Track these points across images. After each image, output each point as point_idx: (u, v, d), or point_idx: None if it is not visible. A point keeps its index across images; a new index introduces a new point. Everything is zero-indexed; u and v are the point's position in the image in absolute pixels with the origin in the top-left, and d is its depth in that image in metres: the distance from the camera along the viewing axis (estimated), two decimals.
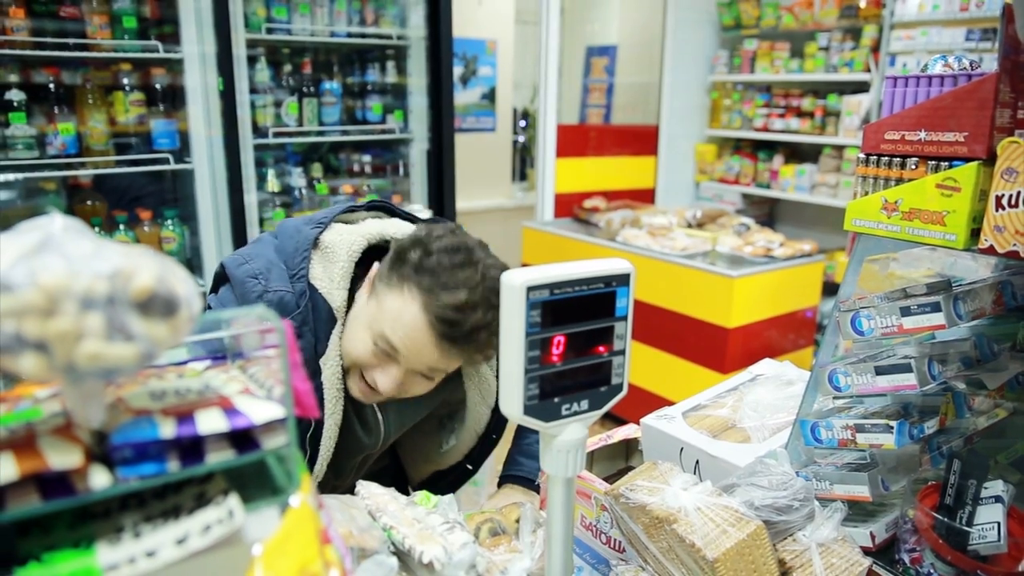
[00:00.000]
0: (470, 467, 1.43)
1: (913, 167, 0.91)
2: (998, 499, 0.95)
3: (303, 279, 1.15)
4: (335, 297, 1.17)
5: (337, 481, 1.32)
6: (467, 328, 1.07)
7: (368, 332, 1.13)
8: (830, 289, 4.07)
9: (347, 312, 1.19)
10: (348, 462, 1.31)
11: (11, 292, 0.41)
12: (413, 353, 1.10)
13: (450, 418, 1.41)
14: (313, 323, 1.15)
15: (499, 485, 1.44)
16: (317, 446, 1.19)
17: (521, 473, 1.41)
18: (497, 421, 1.36)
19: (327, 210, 1.26)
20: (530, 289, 0.63)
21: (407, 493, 1.61)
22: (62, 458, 0.45)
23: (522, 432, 1.48)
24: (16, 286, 0.41)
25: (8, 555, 0.46)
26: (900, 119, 0.92)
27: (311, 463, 1.20)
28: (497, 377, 1.43)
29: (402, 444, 1.44)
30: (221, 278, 1.22)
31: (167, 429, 0.49)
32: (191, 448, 0.50)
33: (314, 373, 1.16)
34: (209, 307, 1.21)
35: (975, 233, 0.86)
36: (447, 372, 1.17)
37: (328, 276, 1.17)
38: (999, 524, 0.93)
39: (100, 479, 0.47)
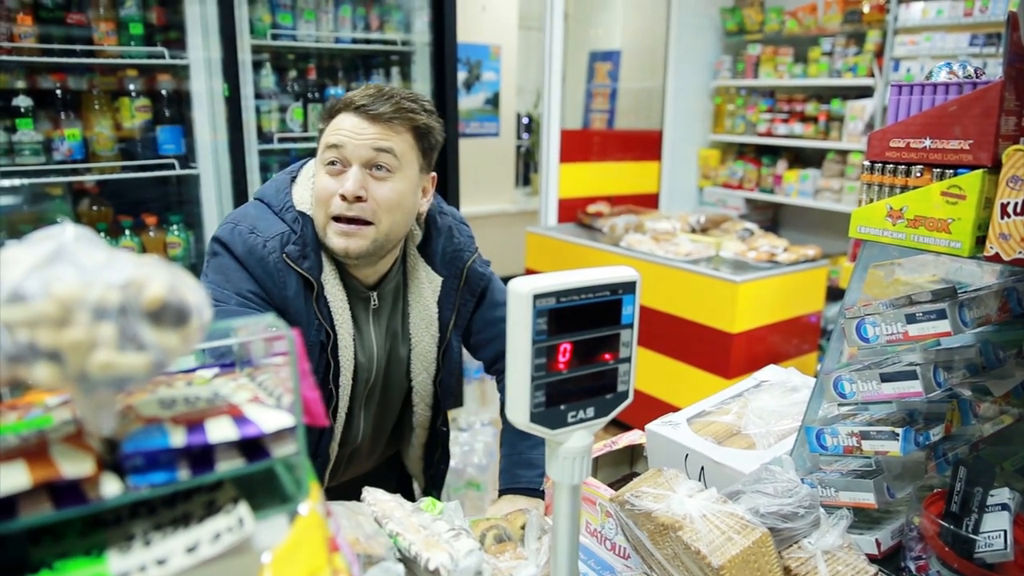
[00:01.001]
0: (444, 428, 1.57)
1: (918, 175, 0.92)
2: (1004, 507, 0.95)
3: (291, 208, 1.29)
4: (316, 217, 1.28)
5: (349, 428, 1.42)
6: (385, 93, 1.25)
7: (320, 167, 1.26)
8: (834, 294, 4.07)
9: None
10: (359, 394, 1.40)
11: (25, 303, 0.41)
12: (350, 134, 1.23)
13: (408, 358, 1.48)
14: (311, 243, 1.27)
15: (499, 495, 1.45)
16: (338, 358, 1.32)
17: (521, 485, 1.43)
18: (445, 360, 1.48)
19: (302, 160, 1.41)
20: (536, 297, 0.64)
21: (410, 493, 1.64)
22: (74, 466, 0.46)
23: (511, 441, 1.49)
24: (30, 297, 0.41)
25: (21, 563, 0.47)
26: (905, 127, 0.92)
27: (335, 378, 1.32)
28: (500, 380, 1.51)
29: (384, 394, 1.49)
30: (214, 253, 1.28)
31: (177, 437, 0.49)
32: (201, 456, 0.50)
33: (321, 289, 1.28)
34: (216, 302, 1.24)
35: (980, 241, 0.86)
36: (390, 149, 1.25)
37: (306, 197, 1.30)
38: (1006, 532, 0.93)
39: (111, 487, 0.47)
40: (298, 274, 1.25)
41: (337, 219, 1.25)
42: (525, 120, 6.50)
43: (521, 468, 1.45)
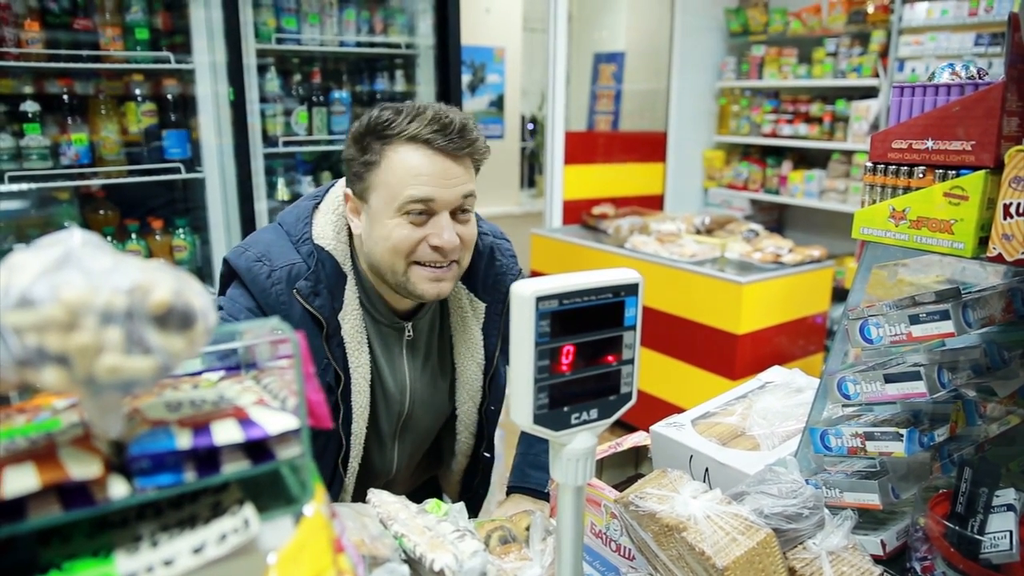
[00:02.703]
0: (487, 455, 1.49)
1: (920, 176, 0.92)
2: (1010, 507, 0.95)
3: (308, 241, 1.22)
4: (339, 251, 1.23)
5: (382, 462, 1.38)
6: (456, 124, 1.15)
7: (393, 213, 1.16)
8: (840, 295, 4.06)
9: (353, 265, 1.25)
10: (387, 426, 1.35)
11: (34, 307, 0.42)
12: (439, 182, 1.14)
13: (451, 387, 1.44)
14: (326, 280, 1.21)
15: (507, 495, 1.45)
16: (350, 402, 1.25)
17: (529, 485, 1.42)
18: (492, 388, 1.42)
19: (326, 184, 1.35)
20: (539, 299, 0.64)
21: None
22: (82, 469, 0.46)
23: (529, 441, 1.48)
24: (39, 301, 0.42)
25: (30, 564, 0.47)
26: (907, 128, 0.92)
27: (347, 424, 1.25)
28: (488, 374, 1.46)
29: (420, 424, 1.44)
30: (228, 275, 1.26)
31: (184, 440, 0.49)
32: (207, 458, 0.51)
33: (334, 330, 1.22)
34: (221, 308, 1.22)
35: (983, 241, 0.86)
36: (473, 191, 1.20)
37: (328, 231, 1.24)
38: (1011, 533, 0.93)
39: (119, 489, 0.48)
40: (305, 310, 1.19)
41: (420, 263, 1.18)
42: (530, 126, 6.51)
43: (532, 469, 1.44)
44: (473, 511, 1.58)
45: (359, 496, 1.35)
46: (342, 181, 1.29)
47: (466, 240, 1.20)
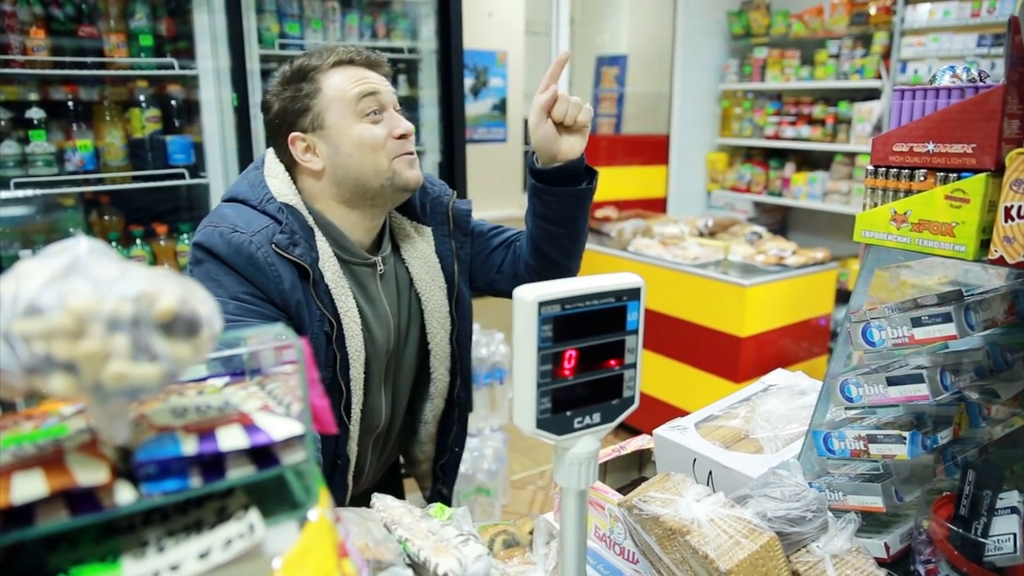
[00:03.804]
0: (463, 395, 1.55)
1: (922, 179, 0.92)
2: (1014, 510, 0.95)
3: (271, 200, 1.27)
4: (300, 206, 1.29)
5: (376, 409, 1.41)
6: (363, 48, 1.31)
7: (353, 118, 1.27)
8: (843, 297, 4.05)
9: (313, 218, 1.30)
10: (376, 367, 1.37)
11: (41, 315, 0.42)
12: (380, 84, 1.30)
13: (421, 320, 1.47)
14: (300, 231, 1.25)
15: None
16: (345, 348, 1.28)
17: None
18: (459, 312, 1.47)
19: (259, 157, 1.41)
20: (542, 304, 0.64)
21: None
22: (89, 475, 0.47)
23: None
24: (46, 309, 0.42)
25: (38, 569, 0.48)
26: (908, 131, 0.93)
27: (345, 371, 1.29)
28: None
29: (404, 364, 1.47)
30: (198, 262, 1.23)
31: (189, 446, 0.50)
32: (212, 464, 0.51)
33: (319, 277, 1.26)
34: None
35: (985, 244, 0.87)
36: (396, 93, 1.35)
37: (284, 188, 1.29)
38: (1015, 535, 0.93)
39: (125, 495, 0.48)
40: (291, 264, 1.22)
41: (396, 155, 1.29)
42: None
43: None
44: (452, 473, 1.62)
45: (362, 448, 1.40)
46: (271, 150, 1.36)
47: (411, 131, 1.32)
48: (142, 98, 2.60)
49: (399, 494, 1.69)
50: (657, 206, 4.99)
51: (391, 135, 1.28)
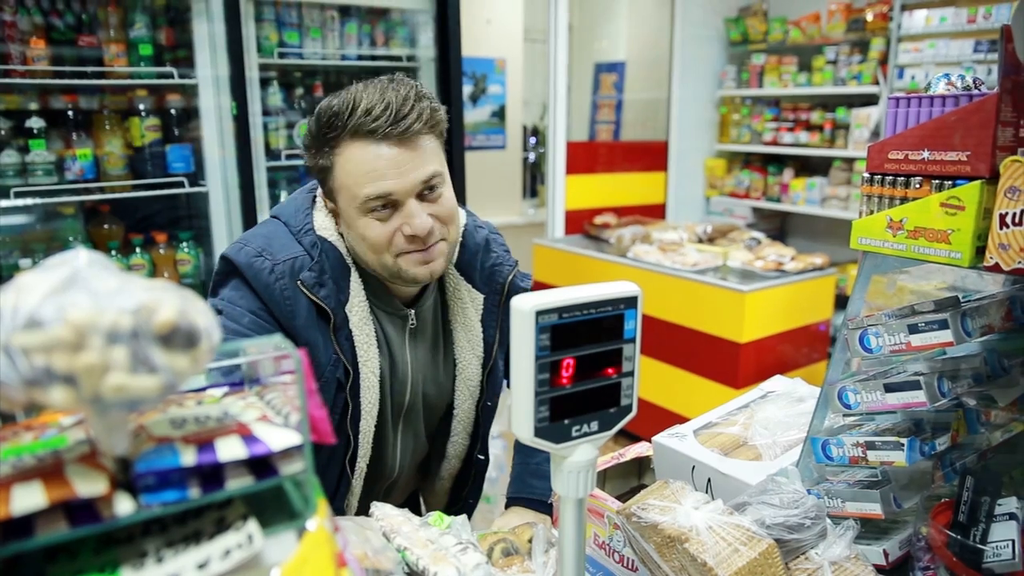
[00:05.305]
0: (481, 457, 1.46)
1: (917, 186, 0.92)
2: (1012, 516, 0.95)
3: (310, 231, 1.20)
4: (340, 242, 1.21)
5: (386, 460, 1.36)
6: (392, 108, 1.09)
7: (359, 214, 1.14)
8: (843, 302, 4.04)
9: (350, 257, 1.23)
10: (390, 418, 1.33)
11: (41, 328, 0.42)
12: (392, 173, 1.10)
13: (451, 382, 1.42)
14: (331, 271, 1.19)
15: (507, 505, 1.43)
16: (359, 399, 1.22)
17: (534, 496, 1.40)
18: (490, 383, 1.40)
19: None
20: (539, 313, 0.65)
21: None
22: (88, 486, 0.47)
23: (527, 450, 1.46)
24: (46, 322, 0.42)
25: None
26: (903, 139, 0.93)
27: (355, 422, 1.23)
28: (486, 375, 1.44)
29: (419, 418, 1.42)
30: (226, 273, 1.21)
31: (188, 457, 0.50)
32: (211, 475, 0.51)
33: (342, 322, 1.19)
34: (219, 312, 1.16)
35: (980, 251, 0.87)
36: (437, 171, 1.16)
37: (329, 222, 1.22)
38: (1014, 542, 0.93)
39: (124, 506, 0.48)
40: (311, 302, 1.16)
41: (405, 252, 1.17)
42: (532, 140, 6.53)
43: (533, 478, 1.42)
44: (465, 514, 1.57)
45: (366, 499, 1.34)
46: None
47: (443, 216, 1.17)
48: (142, 107, 2.61)
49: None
50: (656, 212, 4.99)
51: (400, 232, 1.15)
